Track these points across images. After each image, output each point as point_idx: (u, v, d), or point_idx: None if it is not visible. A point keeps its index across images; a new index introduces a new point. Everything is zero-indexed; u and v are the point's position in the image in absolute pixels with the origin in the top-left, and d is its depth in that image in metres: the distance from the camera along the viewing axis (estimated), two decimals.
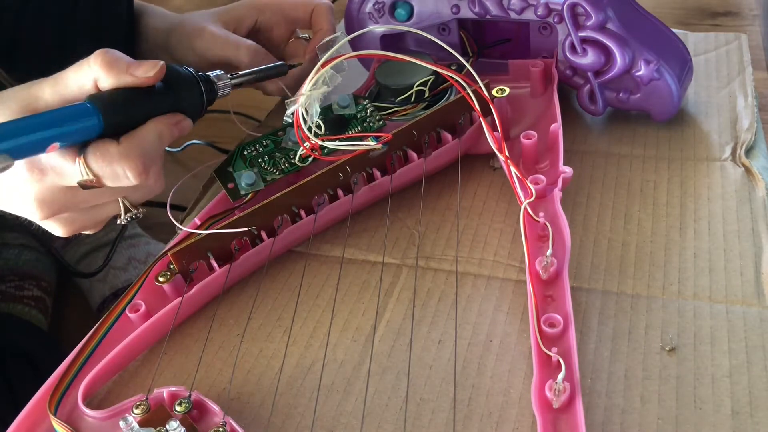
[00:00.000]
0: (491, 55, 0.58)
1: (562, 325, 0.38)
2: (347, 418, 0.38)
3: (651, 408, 0.36)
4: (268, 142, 0.49)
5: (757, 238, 0.44)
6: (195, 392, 0.37)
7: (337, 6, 0.83)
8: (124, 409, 0.37)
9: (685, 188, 0.48)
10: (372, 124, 0.50)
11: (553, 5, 0.51)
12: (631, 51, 0.50)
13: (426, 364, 0.40)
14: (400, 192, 0.50)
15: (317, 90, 0.45)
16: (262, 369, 0.41)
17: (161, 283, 0.43)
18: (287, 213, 0.46)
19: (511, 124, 0.53)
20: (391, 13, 0.56)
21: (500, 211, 0.49)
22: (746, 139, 0.51)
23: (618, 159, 0.51)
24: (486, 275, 0.44)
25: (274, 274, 0.47)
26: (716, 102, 0.55)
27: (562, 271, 0.41)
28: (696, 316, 0.40)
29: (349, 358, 0.41)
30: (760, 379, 0.37)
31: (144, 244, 0.82)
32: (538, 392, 0.35)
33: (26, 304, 0.74)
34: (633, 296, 0.42)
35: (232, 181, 0.47)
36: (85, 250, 0.81)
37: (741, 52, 0.60)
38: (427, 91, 0.51)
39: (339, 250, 0.48)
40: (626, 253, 0.45)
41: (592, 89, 0.53)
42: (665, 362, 0.38)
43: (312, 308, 0.44)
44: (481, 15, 0.54)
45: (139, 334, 0.41)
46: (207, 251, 0.44)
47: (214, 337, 0.43)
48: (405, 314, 0.43)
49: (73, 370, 0.39)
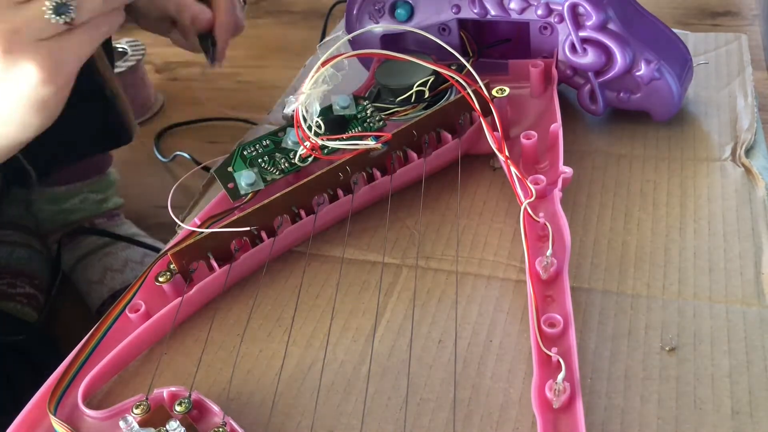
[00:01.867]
0: (491, 55, 0.58)
1: (562, 325, 0.38)
2: (347, 418, 0.38)
3: (651, 408, 0.36)
4: (268, 142, 0.49)
5: (757, 238, 0.44)
6: (195, 392, 0.37)
7: (337, 6, 0.84)
8: (124, 409, 0.37)
9: (685, 188, 0.48)
10: (372, 124, 0.50)
11: (554, 5, 0.51)
12: (631, 51, 0.50)
13: (426, 364, 0.40)
14: (400, 192, 0.50)
15: (317, 89, 0.45)
16: (262, 369, 0.41)
17: (161, 283, 0.43)
18: (287, 213, 0.46)
19: (511, 124, 0.53)
20: (391, 13, 0.56)
21: (500, 211, 0.49)
22: (746, 139, 0.51)
23: (618, 159, 0.51)
24: (486, 275, 0.44)
25: (274, 274, 0.47)
26: (716, 102, 0.55)
27: (562, 271, 0.41)
28: (696, 316, 0.40)
29: (349, 358, 0.41)
30: (760, 379, 0.37)
31: (139, 244, 0.82)
32: (538, 392, 0.35)
33: (18, 302, 0.74)
34: (633, 296, 0.42)
35: (232, 181, 0.47)
36: (81, 254, 0.81)
37: (741, 52, 0.60)
38: (427, 91, 0.51)
39: (339, 250, 0.48)
40: (626, 253, 0.45)
41: (592, 89, 0.53)
42: (665, 362, 0.38)
43: (312, 308, 0.44)
44: (482, 15, 0.54)
45: (139, 334, 0.41)
46: (207, 251, 0.44)
47: (214, 337, 0.43)
48: (405, 314, 0.43)
49: (73, 370, 0.39)
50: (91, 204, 0.83)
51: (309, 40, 0.77)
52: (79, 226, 0.82)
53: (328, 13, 0.82)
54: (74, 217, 0.83)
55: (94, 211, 0.83)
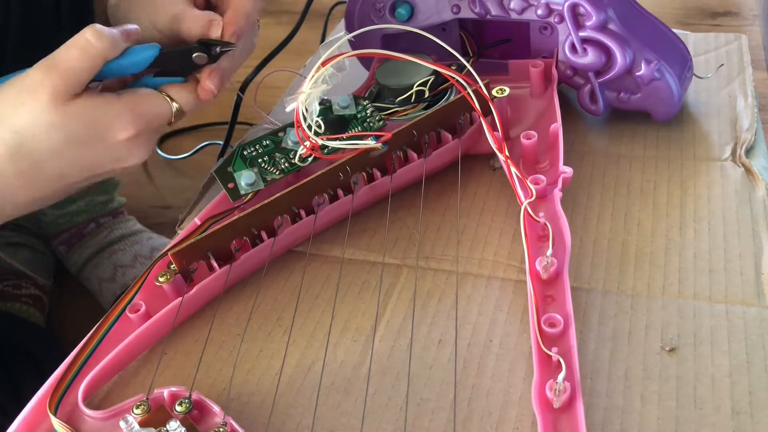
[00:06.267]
0: (491, 55, 0.58)
1: (563, 325, 0.38)
2: (347, 418, 0.38)
3: (651, 408, 0.36)
4: (268, 142, 0.49)
5: (757, 238, 0.44)
6: (195, 392, 0.37)
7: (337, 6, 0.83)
8: (124, 409, 0.37)
9: (685, 188, 0.48)
10: (372, 124, 0.50)
11: (554, 5, 0.51)
12: (631, 51, 0.50)
13: (426, 364, 0.40)
14: (400, 192, 0.50)
15: (317, 88, 0.45)
16: (262, 369, 0.41)
17: (161, 284, 0.43)
18: (287, 213, 0.46)
19: (511, 124, 0.53)
20: (391, 13, 0.56)
21: (500, 211, 0.49)
22: (746, 139, 0.51)
23: (618, 159, 0.51)
24: (486, 275, 0.44)
25: (274, 274, 0.47)
26: (716, 102, 0.55)
27: (562, 271, 0.41)
28: (696, 316, 0.40)
29: (349, 358, 0.41)
30: (760, 379, 0.37)
31: (147, 240, 0.83)
32: (539, 392, 0.35)
33: (24, 303, 0.74)
34: (633, 296, 0.42)
35: (232, 181, 0.47)
36: (89, 254, 0.81)
37: (741, 53, 0.60)
38: (427, 91, 0.51)
39: (339, 250, 0.48)
40: (626, 253, 0.45)
41: (592, 89, 0.53)
42: (665, 362, 0.38)
43: (312, 308, 0.44)
44: (482, 15, 0.54)
45: (139, 334, 0.41)
46: (207, 251, 0.44)
47: (214, 337, 0.43)
48: (405, 314, 0.43)
49: (74, 370, 0.39)
50: (95, 206, 0.84)
51: (309, 40, 0.77)
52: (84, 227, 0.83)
53: (328, 13, 0.82)
54: (79, 219, 0.83)
55: (99, 212, 0.84)
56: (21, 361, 0.66)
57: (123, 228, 0.83)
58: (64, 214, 0.83)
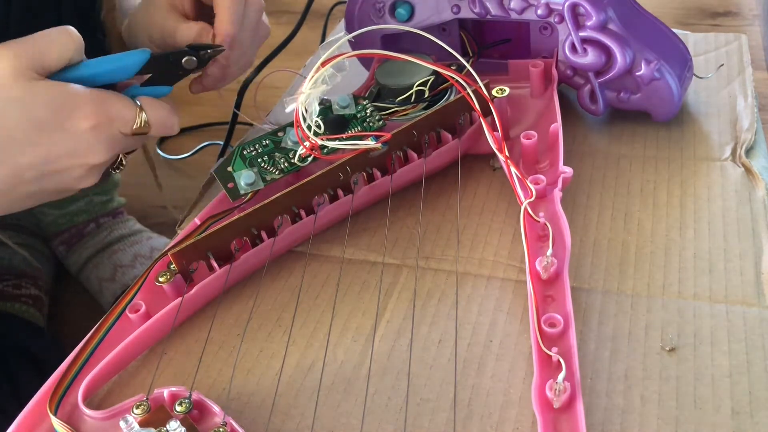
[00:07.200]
0: (491, 55, 0.58)
1: (563, 325, 0.38)
2: (347, 418, 0.38)
3: (651, 408, 0.36)
4: (268, 142, 0.49)
5: (757, 238, 0.44)
6: (195, 392, 0.37)
7: (337, 6, 0.83)
8: (124, 409, 0.37)
9: (685, 188, 0.48)
10: (372, 124, 0.50)
11: (554, 5, 0.51)
12: (631, 51, 0.50)
13: (426, 364, 0.40)
14: (400, 192, 0.50)
15: (317, 88, 0.45)
16: (262, 369, 0.41)
17: (161, 283, 0.43)
18: (287, 213, 0.46)
19: (511, 124, 0.53)
20: (391, 13, 0.56)
21: (500, 211, 0.49)
22: (746, 139, 0.51)
23: (618, 159, 0.51)
24: (486, 275, 0.44)
25: (274, 274, 0.47)
26: (716, 102, 0.55)
27: (562, 271, 0.41)
28: (696, 316, 0.40)
29: (349, 358, 0.41)
30: (760, 379, 0.37)
31: (146, 239, 0.83)
32: (539, 392, 0.35)
33: (24, 303, 0.74)
34: (633, 296, 0.42)
35: (231, 181, 0.47)
36: (89, 254, 0.81)
37: (741, 53, 0.60)
38: (427, 91, 0.51)
39: (339, 250, 0.48)
40: (626, 253, 0.45)
41: (592, 89, 0.53)
42: (665, 362, 0.38)
43: (312, 308, 0.44)
44: (482, 15, 0.54)
45: (139, 334, 0.41)
46: (207, 251, 0.44)
47: (214, 337, 0.43)
48: (405, 314, 0.43)
49: (74, 370, 0.39)
50: (95, 206, 0.84)
51: (309, 41, 0.77)
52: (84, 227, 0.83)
53: (328, 14, 0.82)
54: (79, 219, 0.83)
55: (99, 212, 0.84)
56: (21, 361, 0.66)
57: (123, 228, 0.83)
58: (64, 214, 0.83)
